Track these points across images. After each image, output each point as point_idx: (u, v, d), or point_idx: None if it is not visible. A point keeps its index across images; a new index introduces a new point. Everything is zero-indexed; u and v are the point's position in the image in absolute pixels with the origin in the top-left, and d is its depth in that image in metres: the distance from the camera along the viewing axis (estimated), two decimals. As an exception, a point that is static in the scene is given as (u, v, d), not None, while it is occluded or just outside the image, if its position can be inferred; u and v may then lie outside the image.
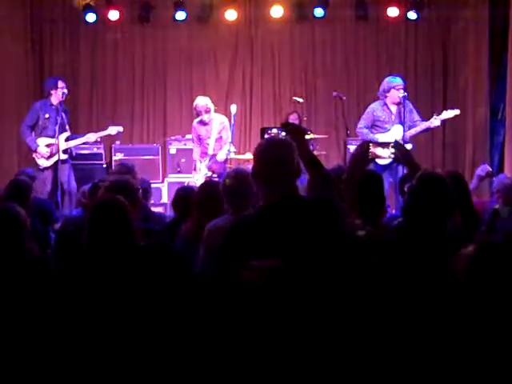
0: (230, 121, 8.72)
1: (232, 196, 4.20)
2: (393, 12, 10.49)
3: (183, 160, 9.87)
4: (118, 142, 10.10)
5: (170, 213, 7.30)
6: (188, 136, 10.15)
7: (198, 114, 8.66)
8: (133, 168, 6.00)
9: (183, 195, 5.16)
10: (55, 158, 8.63)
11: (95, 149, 9.73)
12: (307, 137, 8.89)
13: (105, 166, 9.65)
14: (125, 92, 11.08)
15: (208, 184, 4.92)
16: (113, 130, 9.09)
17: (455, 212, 3.56)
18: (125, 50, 11.04)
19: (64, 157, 8.63)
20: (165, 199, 9.42)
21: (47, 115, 8.65)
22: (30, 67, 10.67)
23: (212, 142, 8.68)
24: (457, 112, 8.36)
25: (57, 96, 8.67)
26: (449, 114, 8.31)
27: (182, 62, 11.08)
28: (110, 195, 3.68)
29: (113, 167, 8.92)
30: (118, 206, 3.21)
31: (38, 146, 8.63)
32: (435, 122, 8.17)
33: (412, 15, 10.45)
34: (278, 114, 10.77)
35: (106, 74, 11.06)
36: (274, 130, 3.56)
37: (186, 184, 7.99)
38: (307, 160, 3.22)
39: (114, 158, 9.79)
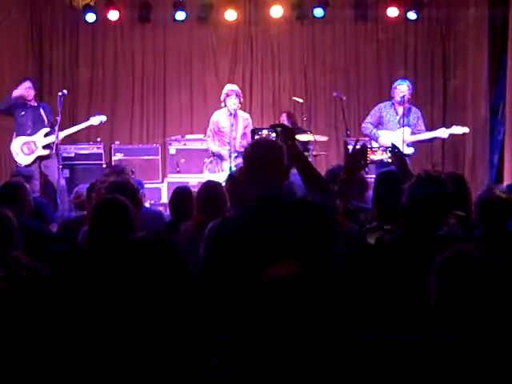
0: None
1: (233, 196, 4.20)
2: (393, 12, 10.47)
3: (183, 160, 9.86)
4: (117, 142, 10.09)
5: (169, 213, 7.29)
6: (188, 136, 10.15)
7: (228, 95, 8.28)
8: (124, 169, 5.93)
9: (180, 195, 5.16)
10: (34, 156, 8.64)
11: (95, 149, 9.72)
12: (307, 137, 8.92)
13: (104, 166, 9.63)
14: (124, 92, 11.07)
15: (210, 183, 4.90)
16: (95, 120, 8.94)
17: (450, 212, 3.56)
18: (125, 50, 11.04)
19: (45, 152, 8.64)
20: (164, 199, 9.40)
21: (23, 112, 8.72)
22: (29, 68, 10.66)
23: (238, 137, 8.43)
24: (466, 130, 8.46)
25: (26, 96, 8.68)
26: (458, 130, 8.41)
27: (182, 62, 11.07)
28: (111, 195, 3.67)
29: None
30: (120, 204, 3.21)
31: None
32: (444, 134, 8.30)
33: (412, 15, 10.45)
34: (278, 115, 10.76)
35: (106, 74, 11.05)
36: (265, 131, 3.56)
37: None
38: (297, 161, 3.21)
39: (113, 158, 9.79)
